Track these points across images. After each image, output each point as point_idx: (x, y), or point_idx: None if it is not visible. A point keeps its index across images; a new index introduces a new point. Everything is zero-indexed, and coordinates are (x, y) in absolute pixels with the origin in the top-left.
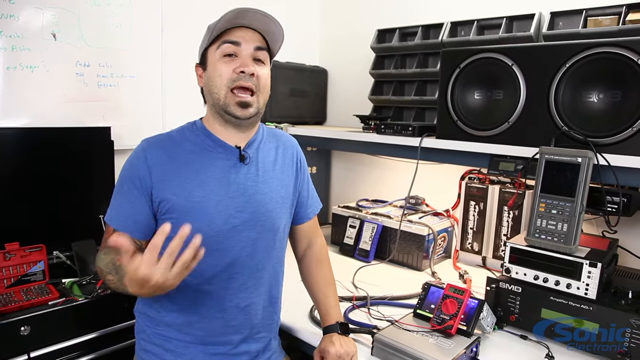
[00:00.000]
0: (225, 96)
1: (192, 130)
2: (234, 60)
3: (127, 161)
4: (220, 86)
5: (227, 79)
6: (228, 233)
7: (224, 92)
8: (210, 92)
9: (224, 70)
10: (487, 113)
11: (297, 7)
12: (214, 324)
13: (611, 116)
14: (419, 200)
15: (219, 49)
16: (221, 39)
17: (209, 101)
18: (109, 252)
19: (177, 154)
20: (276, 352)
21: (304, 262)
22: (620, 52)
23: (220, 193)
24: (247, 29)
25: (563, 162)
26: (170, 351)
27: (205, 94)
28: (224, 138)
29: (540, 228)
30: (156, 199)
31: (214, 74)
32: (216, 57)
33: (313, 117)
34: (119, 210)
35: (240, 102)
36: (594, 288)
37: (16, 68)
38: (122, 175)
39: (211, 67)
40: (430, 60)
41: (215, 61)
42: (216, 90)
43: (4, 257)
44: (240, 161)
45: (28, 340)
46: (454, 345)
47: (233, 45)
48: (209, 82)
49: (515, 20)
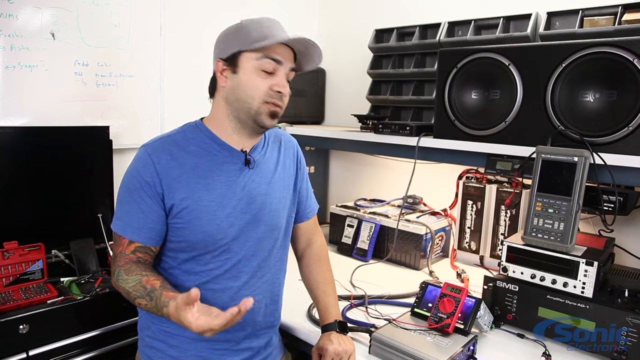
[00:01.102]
0: (258, 106)
1: (195, 132)
2: (270, 76)
3: (132, 168)
4: (254, 97)
5: (263, 93)
6: (234, 235)
7: (257, 102)
8: (238, 99)
9: (261, 84)
10: (484, 112)
11: (295, 6)
12: None
13: (607, 116)
14: (416, 199)
15: (260, 61)
16: (263, 52)
17: (232, 104)
18: (132, 271)
19: (184, 158)
20: (277, 348)
21: (303, 260)
22: (616, 52)
23: (228, 197)
24: (288, 47)
25: (559, 162)
26: (175, 347)
27: (227, 96)
28: (230, 141)
29: (537, 227)
30: (167, 205)
31: (249, 83)
32: (253, 66)
33: (311, 116)
34: (131, 219)
35: (272, 113)
36: (590, 287)
37: (15, 67)
38: (129, 183)
39: (245, 76)
40: (428, 60)
41: (251, 71)
42: (249, 99)
43: (3, 256)
44: (245, 165)
45: (27, 339)
46: (451, 343)
47: (275, 64)
48: (238, 88)
49: (512, 20)
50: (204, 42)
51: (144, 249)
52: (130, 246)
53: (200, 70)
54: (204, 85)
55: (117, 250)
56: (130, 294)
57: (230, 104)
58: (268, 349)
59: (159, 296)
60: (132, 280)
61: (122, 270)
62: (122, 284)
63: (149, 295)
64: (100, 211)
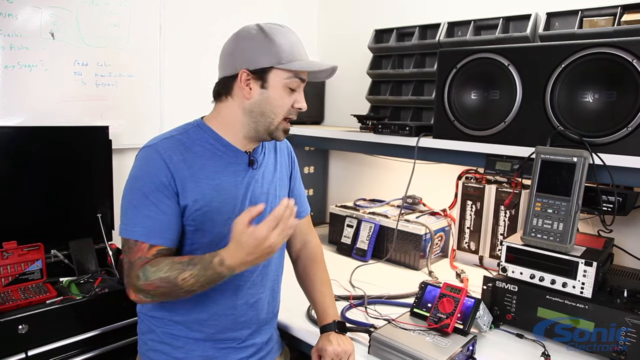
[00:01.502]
0: (278, 123)
1: (199, 133)
2: (294, 93)
3: (143, 171)
4: (278, 114)
5: (286, 111)
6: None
7: (279, 119)
8: (263, 113)
9: (287, 102)
10: (483, 113)
11: (294, 7)
12: (225, 320)
13: (606, 116)
14: (416, 199)
15: (289, 80)
16: (294, 71)
17: (253, 118)
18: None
19: (192, 159)
20: (277, 343)
21: (299, 262)
22: (615, 53)
23: (236, 197)
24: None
25: (559, 162)
26: (180, 348)
27: (252, 110)
28: (235, 143)
29: (536, 227)
30: (181, 205)
31: (277, 101)
32: (282, 83)
33: (311, 116)
34: (153, 223)
35: (286, 129)
36: (589, 287)
37: (14, 67)
38: (143, 186)
39: (274, 92)
40: (428, 61)
41: (280, 87)
42: (273, 115)
43: (2, 256)
44: (249, 166)
45: (26, 339)
46: (450, 343)
47: (300, 82)
48: (266, 103)
49: (511, 21)
50: (203, 42)
51: (166, 251)
52: (151, 250)
53: (200, 70)
54: (203, 85)
55: (134, 256)
56: (170, 277)
57: (251, 116)
58: (270, 344)
59: (201, 257)
60: (164, 266)
61: (146, 267)
62: (153, 276)
63: (190, 264)
64: (100, 211)
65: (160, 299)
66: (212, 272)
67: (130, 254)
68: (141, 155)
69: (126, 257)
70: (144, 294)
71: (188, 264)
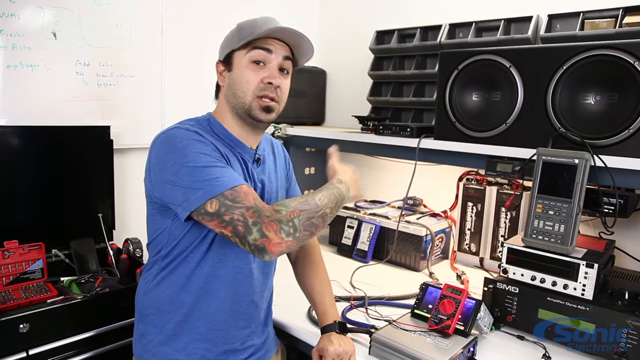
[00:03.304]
0: (251, 101)
1: (211, 126)
2: (262, 68)
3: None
4: (247, 92)
5: (254, 87)
6: None
7: (250, 97)
8: (235, 95)
9: (251, 77)
10: (485, 114)
11: (296, 8)
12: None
13: (608, 118)
14: (416, 201)
15: (249, 53)
16: (252, 44)
17: (230, 102)
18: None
19: (213, 144)
20: (273, 341)
21: (298, 263)
22: (616, 55)
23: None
24: (281, 41)
25: (560, 164)
26: (180, 350)
27: (227, 94)
28: (241, 139)
29: (538, 229)
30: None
31: (241, 79)
32: (244, 61)
33: (311, 117)
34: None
35: (265, 107)
36: (590, 289)
37: (17, 67)
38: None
39: (238, 71)
40: (429, 62)
41: (243, 66)
42: (242, 94)
43: (3, 255)
44: (254, 162)
45: (26, 338)
46: (451, 345)
47: (264, 52)
48: (234, 84)
49: (513, 23)
50: (204, 43)
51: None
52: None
53: (201, 71)
54: (204, 85)
55: (250, 200)
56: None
57: (229, 102)
58: (267, 343)
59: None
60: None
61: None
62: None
63: (317, 191)
64: (101, 211)
65: (304, 232)
66: (336, 190)
67: (241, 202)
68: (172, 133)
69: (238, 209)
70: (289, 225)
71: (315, 192)
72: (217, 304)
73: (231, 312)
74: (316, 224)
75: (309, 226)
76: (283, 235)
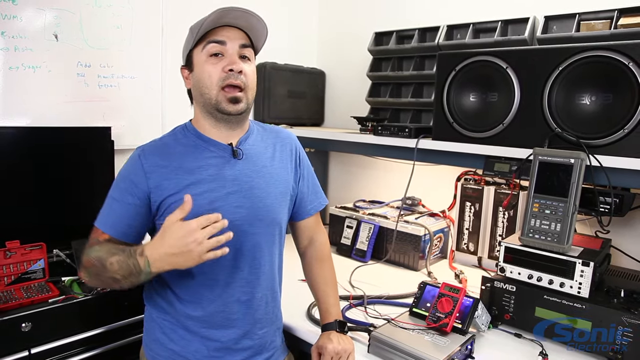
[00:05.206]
0: (216, 95)
1: (184, 133)
2: (221, 59)
3: (123, 169)
4: (211, 86)
5: (217, 79)
6: (228, 229)
7: (215, 91)
8: (201, 93)
9: (212, 70)
10: (482, 115)
11: (295, 9)
12: (217, 317)
13: (603, 118)
14: (415, 201)
15: (205, 49)
16: (206, 40)
17: (199, 102)
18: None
19: (172, 157)
20: (279, 349)
21: (305, 259)
22: (612, 56)
23: (217, 190)
24: (230, 28)
25: (556, 163)
26: (174, 341)
27: (195, 95)
28: (215, 137)
29: (534, 228)
30: (155, 203)
31: (203, 75)
32: (202, 57)
33: (310, 118)
34: (110, 214)
35: (231, 99)
36: (586, 287)
37: (18, 68)
38: (117, 182)
39: (198, 69)
40: (427, 63)
41: (202, 62)
42: (207, 90)
43: (5, 255)
44: (233, 157)
45: (29, 337)
46: (449, 342)
47: (219, 45)
48: (197, 83)
49: (510, 24)
50: None
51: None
52: (104, 236)
53: None
54: None
55: (90, 237)
56: (102, 257)
57: (198, 102)
58: (270, 350)
59: (134, 247)
60: (105, 247)
61: (94, 246)
62: (92, 254)
63: (122, 250)
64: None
65: (95, 280)
66: (132, 261)
67: (90, 235)
68: (130, 155)
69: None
70: (84, 270)
71: (122, 250)
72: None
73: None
74: (107, 282)
75: (99, 282)
76: (81, 272)
